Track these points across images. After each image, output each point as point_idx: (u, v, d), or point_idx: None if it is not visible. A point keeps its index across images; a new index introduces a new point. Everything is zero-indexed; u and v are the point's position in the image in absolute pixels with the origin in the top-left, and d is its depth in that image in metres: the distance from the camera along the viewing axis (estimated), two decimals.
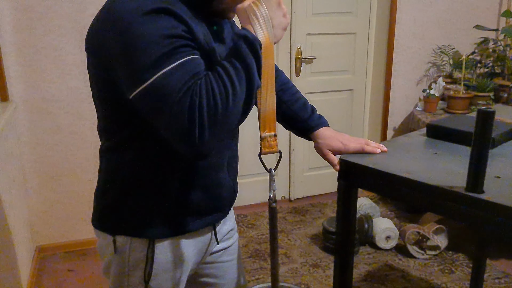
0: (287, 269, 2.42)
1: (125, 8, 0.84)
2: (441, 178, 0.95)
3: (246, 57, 0.86)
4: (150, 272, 1.03)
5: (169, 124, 0.82)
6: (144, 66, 0.81)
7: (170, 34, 0.83)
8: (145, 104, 0.84)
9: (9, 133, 2.15)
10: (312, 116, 1.19)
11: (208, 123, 0.81)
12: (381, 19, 3.09)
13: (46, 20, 2.28)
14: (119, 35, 0.83)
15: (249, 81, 0.86)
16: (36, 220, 2.50)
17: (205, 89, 0.82)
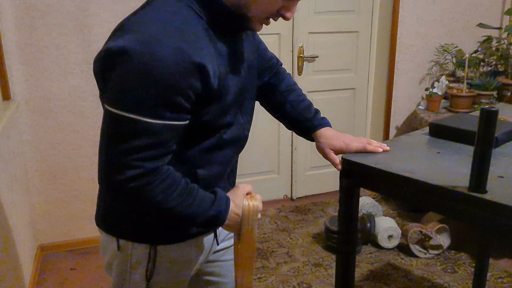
0: (289, 268, 2.41)
1: (163, 43, 0.81)
2: (444, 178, 0.95)
3: (206, 205, 0.93)
4: (152, 270, 1.03)
5: (106, 157, 0.86)
6: (134, 100, 0.82)
7: (181, 93, 0.83)
8: (107, 122, 0.86)
9: (11, 132, 2.15)
10: (315, 116, 1.20)
11: (135, 194, 0.87)
12: (383, 17, 3.08)
13: (48, 18, 2.28)
14: (139, 58, 0.81)
15: (186, 217, 0.92)
16: (38, 219, 2.51)
17: (159, 180, 0.87)
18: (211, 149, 1.00)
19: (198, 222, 0.95)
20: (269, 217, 2.98)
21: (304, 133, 1.22)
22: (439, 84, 2.97)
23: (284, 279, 2.32)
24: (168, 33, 0.82)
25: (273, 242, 2.68)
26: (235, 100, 0.98)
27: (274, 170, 3.18)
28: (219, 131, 0.98)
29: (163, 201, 0.89)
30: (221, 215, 0.96)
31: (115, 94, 0.84)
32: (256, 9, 0.89)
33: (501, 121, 1.26)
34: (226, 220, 0.97)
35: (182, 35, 0.83)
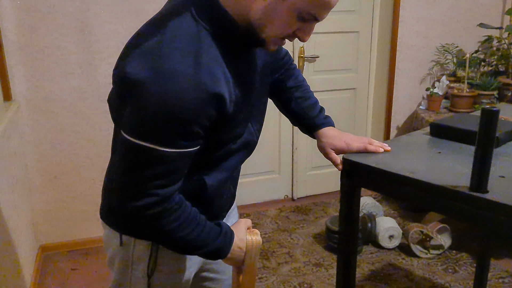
0: (290, 269, 2.41)
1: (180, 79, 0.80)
2: (445, 178, 0.94)
3: (212, 237, 0.96)
4: (153, 267, 1.04)
5: (122, 184, 0.87)
6: (152, 130, 0.82)
7: (198, 123, 0.83)
8: (123, 149, 0.86)
9: (12, 133, 2.15)
10: (319, 115, 1.21)
11: (150, 221, 0.88)
12: (384, 17, 3.08)
13: (49, 19, 2.28)
14: (158, 90, 0.80)
15: (191, 247, 0.95)
16: (39, 219, 2.51)
17: (174, 209, 0.89)
18: (220, 158, 1.01)
19: (202, 253, 0.97)
20: (270, 217, 2.98)
21: (307, 130, 1.22)
22: (440, 84, 2.97)
23: (285, 279, 2.32)
24: (186, 64, 0.81)
25: (274, 242, 2.68)
26: (247, 114, 0.98)
27: (275, 170, 3.18)
28: (228, 143, 0.99)
29: (175, 229, 0.91)
30: (226, 248, 0.99)
31: (132, 123, 0.83)
32: (272, 31, 0.87)
33: (502, 121, 1.26)
34: (229, 254, 1.00)
35: (200, 64, 0.82)
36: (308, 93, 1.24)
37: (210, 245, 0.96)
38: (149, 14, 2.78)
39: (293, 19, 0.85)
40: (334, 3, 0.87)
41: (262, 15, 0.85)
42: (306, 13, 0.84)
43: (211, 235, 0.96)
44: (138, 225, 0.93)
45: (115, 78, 0.89)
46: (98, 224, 1.23)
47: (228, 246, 0.99)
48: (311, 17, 0.86)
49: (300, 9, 0.83)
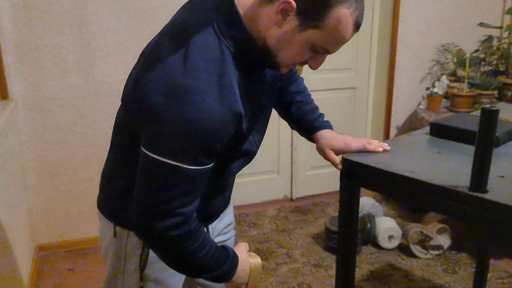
0: (289, 269, 2.40)
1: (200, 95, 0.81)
2: (445, 178, 0.94)
3: (220, 261, 0.97)
4: (145, 260, 1.04)
5: (147, 203, 0.87)
6: (176, 148, 0.83)
7: (219, 141, 0.85)
8: (145, 166, 0.86)
9: (9, 132, 2.14)
10: (318, 118, 1.23)
11: (174, 242, 0.89)
12: (384, 16, 3.07)
13: (46, 17, 2.27)
14: (175, 108, 0.81)
15: (202, 270, 0.95)
16: (36, 219, 2.50)
17: (195, 228, 0.90)
18: (219, 166, 1.01)
19: (210, 276, 0.97)
20: (268, 217, 2.97)
21: (305, 133, 1.24)
22: (440, 84, 2.96)
23: (284, 280, 2.31)
24: (211, 83, 0.82)
25: (273, 242, 2.67)
26: (252, 126, 1.00)
27: (274, 170, 3.17)
28: (230, 155, 1.01)
29: (195, 250, 0.92)
30: (232, 271, 1.00)
31: (156, 141, 0.84)
32: (285, 57, 0.89)
33: (502, 120, 1.26)
34: (234, 277, 1.01)
35: (223, 83, 0.83)
36: (310, 99, 1.27)
37: (219, 268, 0.97)
38: (146, 12, 2.76)
39: (306, 50, 0.87)
40: (348, 39, 0.87)
41: (277, 42, 0.86)
42: (319, 46, 0.86)
43: (221, 257, 0.97)
44: (162, 246, 0.92)
45: (136, 90, 0.88)
46: (95, 223, 1.23)
47: (234, 269, 1.00)
48: (324, 50, 0.88)
49: (314, 42, 0.85)
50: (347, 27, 0.83)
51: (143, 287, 1.06)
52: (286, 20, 0.83)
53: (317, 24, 0.82)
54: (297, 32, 0.84)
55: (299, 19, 0.82)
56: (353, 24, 0.84)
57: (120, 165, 1.02)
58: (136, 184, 0.89)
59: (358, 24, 0.85)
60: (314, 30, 0.83)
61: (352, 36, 0.87)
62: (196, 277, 1.03)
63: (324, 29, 0.82)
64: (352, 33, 0.85)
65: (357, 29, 0.86)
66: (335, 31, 0.83)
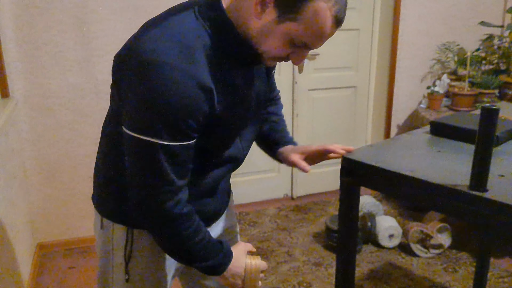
0: (289, 268, 2.40)
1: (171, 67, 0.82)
2: (445, 176, 0.94)
3: (215, 253, 0.99)
4: (130, 253, 1.05)
5: (132, 177, 0.91)
6: (142, 122, 0.85)
7: (190, 116, 0.85)
8: (127, 144, 0.90)
9: (10, 130, 2.14)
10: (289, 137, 1.26)
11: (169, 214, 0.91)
12: (385, 15, 3.07)
13: (47, 16, 2.26)
14: (146, 83, 0.83)
15: (193, 257, 0.98)
16: (37, 217, 2.50)
17: (184, 216, 0.93)
18: (206, 169, 1.03)
19: (202, 266, 0.99)
20: (269, 216, 2.97)
21: (273, 145, 1.24)
22: (441, 83, 2.96)
23: (284, 278, 2.31)
24: (182, 58, 0.83)
25: (273, 241, 2.67)
26: (238, 130, 1.01)
27: (274, 169, 3.17)
28: (216, 155, 1.02)
29: (190, 235, 0.95)
30: (223, 266, 1.01)
31: (130, 118, 0.87)
32: (266, 50, 0.89)
33: (502, 119, 1.26)
34: (224, 272, 1.02)
35: (192, 60, 0.84)
36: (284, 124, 1.28)
37: (211, 259, 0.99)
38: (147, 11, 2.77)
39: (286, 43, 0.86)
40: (328, 35, 0.85)
41: (257, 33, 0.87)
42: (298, 40, 0.85)
43: (214, 249, 0.99)
44: (156, 226, 0.95)
45: (116, 63, 0.92)
46: None
47: (226, 264, 1.02)
48: (303, 44, 0.86)
49: (292, 35, 0.84)
50: (325, 21, 0.82)
51: (129, 281, 1.06)
52: (266, 12, 0.83)
53: (294, 17, 0.82)
54: (275, 24, 0.84)
55: (277, 11, 0.82)
56: (332, 18, 0.82)
57: (104, 154, 1.04)
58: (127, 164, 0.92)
59: (339, 19, 0.84)
60: (292, 22, 0.82)
61: (333, 31, 0.85)
62: (188, 264, 1.04)
63: (301, 22, 0.82)
64: (332, 28, 0.84)
65: (338, 24, 0.85)
66: (312, 25, 0.82)
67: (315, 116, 3.15)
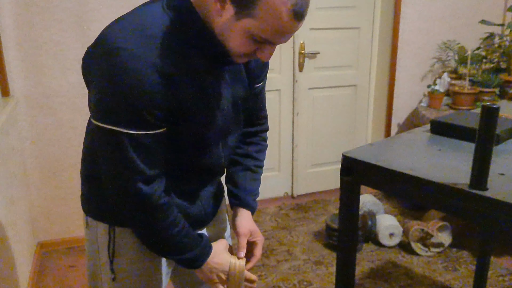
0: (290, 266, 2.41)
1: (129, 55, 0.82)
2: (445, 175, 0.94)
3: (193, 246, 1.00)
4: (113, 252, 1.05)
5: (103, 167, 0.92)
6: (104, 110, 0.86)
7: (151, 104, 0.85)
8: (94, 134, 0.92)
9: (10, 129, 2.15)
10: (250, 198, 1.20)
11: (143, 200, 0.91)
12: (385, 13, 3.06)
13: (47, 15, 2.26)
14: (106, 70, 0.84)
15: (164, 249, 1.00)
16: (37, 216, 2.51)
17: (159, 208, 0.93)
18: (183, 175, 1.03)
19: (180, 258, 1.00)
20: (269, 215, 2.98)
21: (235, 199, 1.20)
22: (441, 81, 2.95)
23: (284, 277, 2.31)
24: (136, 46, 0.82)
25: (274, 240, 2.67)
26: (215, 134, 1.00)
27: (275, 168, 3.17)
28: (192, 162, 1.02)
29: (167, 227, 0.95)
30: (201, 259, 1.02)
31: (94, 107, 0.89)
32: (231, 47, 0.87)
33: (502, 118, 1.25)
34: (202, 266, 1.03)
35: (151, 47, 0.83)
36: (256, 175, 1.22)
37: (187, 252, 0.99)
38: None
39: (248, 40, 0.85)
40: (289, 29, 0.83)
41: (220, 31, 0.86)
42: (258, 36, 0.83)
43: (192, 242, 1.00)
44: (134, 216, 0.95)
45: (85, 54, 0.93)
46: None
47: (203, 258, 1.02)
48: (264, 40, 0.85)
49: (252, 32, 0.83)
50: (281, 16, 0.79)
51: (116, 279, 1.06)
52: (225, 9, 0.82)
53: (250, 13, 0.80)
54: (234, 21, 0.83)
55: (234, 8, 0.81)
56: (289, 12, 0.79)
57: (85, 152, 1.06)
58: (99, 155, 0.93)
59: (297, 13, 0.80)
60: (249, 19, 0.81)
61: (295, 25, 0.82)
62: (164, 256, 1.05)
63: (258, 18, 0.80)
64: (292, 22, 0.81)
65: (299, 18, 0.81)
66: (269, 20, 0.80)
67: (316, 115, 3.15)
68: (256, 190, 1.22)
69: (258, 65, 1.07)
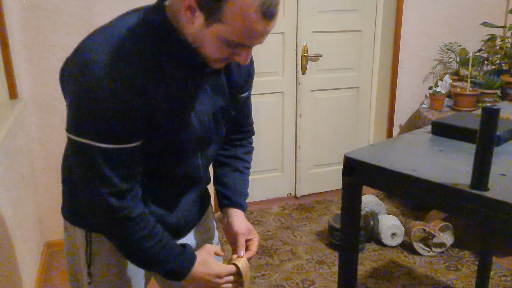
0: (293, 266, 2.43)
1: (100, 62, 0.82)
2: (446, 176, 0.94)
3: (174, 257, 0.97)
4: (90, 257, 1.05)
5: (77, 177, 0.91)
6: (74, 122, 0.85)
7: (122, 117, 0.83)
8: (69, 148, 0.90)
9: (18, 130, 2.17)
10: (240, 198, 1.19)
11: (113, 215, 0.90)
12: (387, 16, 3.09)
13: (54, 18, 2.30)
14: (78, 82, 0.83)
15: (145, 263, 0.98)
16: (45, 216, 2.53)
17: (135, 219, 0.91)
18: (160, 184, 1.02)
19: (161, 270, 0.98)
20: (273, 215, 3.00)
21: (226, 199, 1.18)
22: (443, 83, 2.97)
23: (287, 276, 2.33)
24: (106, 58, 0.82)
25: (277, 239, 2.69)
26: (193, 145, 0.99)
27: (278, 168, 3.19)
28: (168, 171, 1.01)
29: (141, 240, 0.93)
30: (184, 270, 0.99)
31: (67, 119, 0.87)
32: (206, 54, 0.87)
33: (503, 119, 1.26)
34: (187, 277, 0.99)
35: (121, 57, 0.83)
36: (244, 176, 1.20)
37: (169, 263, 0.96)
38: None
39: (222, 45, 0.83)
40: (260, 31, 0.81)
41: (193, 39, 0.85)
42: (231, 40, 0.82)
43: (172, 254, 0.97)
44: (109, 229, 0.95)
45: (63, 64, 0.92)
46: None
47: (186, 269, 0.99)
48: (237, 44, 0.83)
49: (223, 36, 0.81)
50: (250, 17, 0.78)
51: (92, 283, 1.06)
52: (195, 16, 0.81)
53: (219, 18, 0.79)
54: (205, 28, 0.82)
55: (203, 15, 0.80)
56: (257, 13, 0.78)
57: (63, 157, 1.06)
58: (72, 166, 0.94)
59: (266, 12, 0.78)
60: (219, 24, 0.80)
61: (266, 25, 0.80)
62: (146, 269, 1.03)
63: (227, 22, 0.79)
64: (262, 22, 0.79)
65: (269, 17, 0.79)
66: (237, 23, 0.79)
67: (318, 116, 3.17)
68: (245, 191, 1.19)
69: (241, 76, 1.06)
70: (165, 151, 0.96)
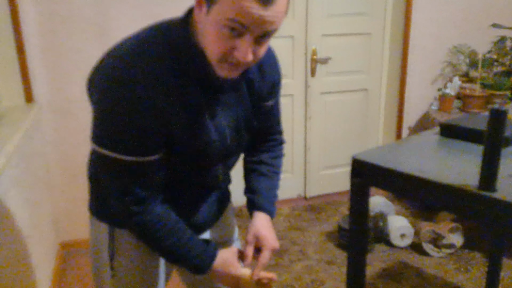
0: (302, 266, 2.45)
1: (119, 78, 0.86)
2: (454, 177, 0.95)
3: (186, 255, 1.00)
4: (113, 251, 1.08)
5: (104, 183, 0.97)
6: (97, 134, 0.90)
7: (142, 133, 0.88)
8: (94, 156, 0.98)
9: (34, 133, 2.22)
10: (267, 203, 1.18)
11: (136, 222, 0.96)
12: (396, 19, 3.10)
13: (69, 24, 2.34)
14: (103, 97, 0.88)
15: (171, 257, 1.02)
16: (60, 217, 2.57)
17: (150, 223, 0.96)
18: (179, 189, 1.05)
19: (185, 265, 1.02)
20: (283, 216, 3.02)
21: (251, 204, 1.19)
22: (452, 85, 2.96)
23: (297, 276, 2.35)
24: (132, 76, 0.85)
25: (287, 240, 2.71)
26: (214, 158, 1.02)
27: (288, 170, 3.21)
28: (190, 179, 1.05)
29: (159, 238, 0.97)
30: (205, 266, 1.03)
31: (92, 130, 0.92)
32: (210, 52, 0.87)
33: (511, 121, 1.27)
34: (209, 272, 1.04)
35: (149, 78, 0.86)
36: (272, 182, 1.21)
37: (192, 259, 1.01)
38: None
39: (224, 33, 0.82)
40: (255, 11, 0.78)
41: (201, 37, 0.88)
42: (227, 20, 0.80)
43: (195, 249, 1.01)
44: (133, 230, 1.00)
45: (89, 74, 0.96)
46: None
47: (207, 266, 1.03)
48: (241, 27, 0.80)
49: (220, 19, 0.80)
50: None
51: (115, 277, 1.09)
52: (202, 11, 0.84)
53: (216, 1, 0.80)
54: (207, 17, 0.83)
55: (206, 5, 0.83)
56: None
57: (90, 152, 1.08)
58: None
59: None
60: (216, 6, 0.80)
61: (263, 7, 0.78)
62: (170, 262, 1.07)
63: (222, 1, 0.79)
64: (255, 2, 0.77)
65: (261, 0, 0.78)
66: (232, 1, 0.78)
67: (328, 119, 3.19)
68: (270, 192, 1.19)
69: (264, 85, 1.07)
70: (185, 164, 1.00)
